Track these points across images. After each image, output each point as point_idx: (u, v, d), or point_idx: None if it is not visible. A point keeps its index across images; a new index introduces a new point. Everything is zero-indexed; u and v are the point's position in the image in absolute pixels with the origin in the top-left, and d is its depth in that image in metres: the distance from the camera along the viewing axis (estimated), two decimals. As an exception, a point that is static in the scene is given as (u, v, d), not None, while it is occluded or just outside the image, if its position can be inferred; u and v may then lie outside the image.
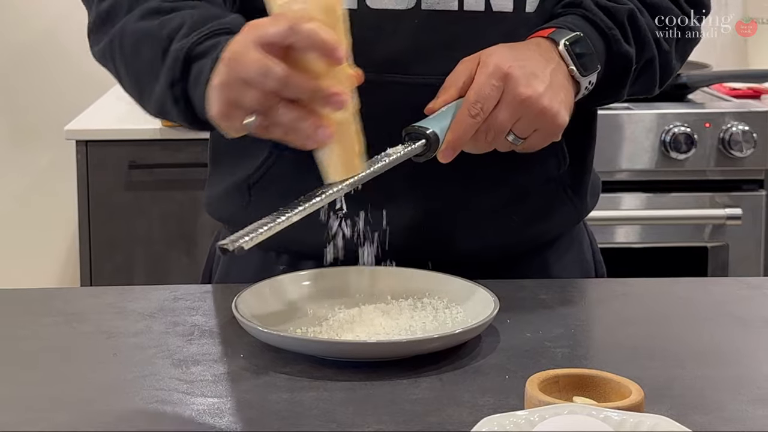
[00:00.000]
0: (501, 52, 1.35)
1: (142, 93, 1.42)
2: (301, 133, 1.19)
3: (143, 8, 1.41)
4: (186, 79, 1.33)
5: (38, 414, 1.13)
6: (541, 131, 1.36)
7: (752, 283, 1.66)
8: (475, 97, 1.31)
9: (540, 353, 1.27)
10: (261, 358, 1.25)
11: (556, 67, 1.38)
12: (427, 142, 1.31)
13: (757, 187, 3.10)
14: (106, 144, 3.07)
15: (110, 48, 1.44)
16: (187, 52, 1.33)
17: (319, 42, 1.15)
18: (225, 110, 1.23)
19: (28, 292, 1.60)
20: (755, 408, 1.13)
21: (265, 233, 1.18)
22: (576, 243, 1.63)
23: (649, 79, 1.52)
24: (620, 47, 1.45)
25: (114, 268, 3.10)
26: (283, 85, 1.17)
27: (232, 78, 1.21)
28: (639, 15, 1.48)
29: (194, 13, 1.38)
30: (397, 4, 1.43)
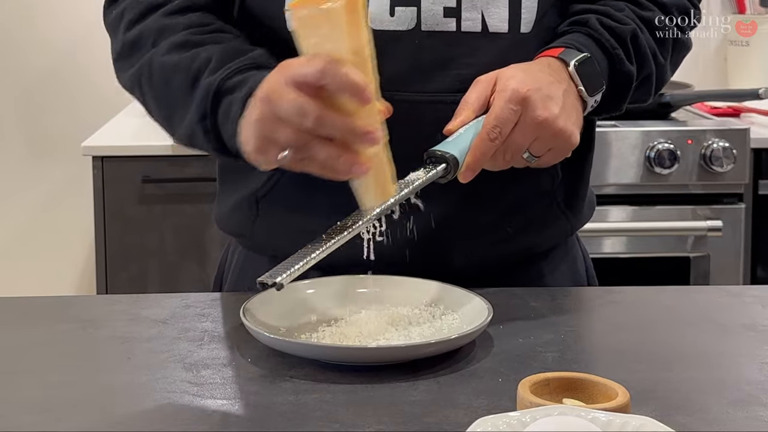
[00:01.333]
0: (518, 77, 1.34)
1: (171, 123, 1.43)
2: (336, 168, 1.21)
3: (171, 41, 1.41)
4: (216, 113, 1.34)
5: (56, 415, 1.13)
6: (555, 150, 1.37)
7: (732, 291, 1.66)
8: (495, 122, 1.31)
9: (531, 358, 1.27)
10: (267, 362, 1.25)
11: (568, 87, 1.38)
12: (448, 165, 1.31)
13: (736, 200, 3.10)
14: (120, 159, 3.07)
15: (138, 78, 1.44)
16: (218, 87, 1.34)
17: (350, 84, 1.16)
18: (260, 145, 1.24)
19: (46, 300, 1.60)
20: (736, 409, 1.13)
21: (302, 267, 1.19)
22: (569, 257, 1.63)
23: (646, 91, 1.53)
24: (623, 66, 1.46)
25: (128, 277, 3.10)
26: (318, 124, 1.18)
27: (267, 115, 1.22)
28: (640, 34, 1.48)
29: (222, 48, 1.39)
30: (398, 26, 1.43)
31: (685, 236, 3.09)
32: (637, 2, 1.52)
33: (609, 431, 0.95)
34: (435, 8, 1.43)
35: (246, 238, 1.56)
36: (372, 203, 1.25)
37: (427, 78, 1.43)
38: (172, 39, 1.41)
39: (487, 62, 1.41)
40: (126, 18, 1.47)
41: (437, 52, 1.43)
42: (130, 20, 1.46)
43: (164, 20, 1.44)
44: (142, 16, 1.46)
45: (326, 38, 1.19)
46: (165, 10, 1.45)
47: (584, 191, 1.60)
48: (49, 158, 3.75)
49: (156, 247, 3.10)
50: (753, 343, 1.35)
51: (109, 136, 3.20)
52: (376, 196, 1.24)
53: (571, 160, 1.53)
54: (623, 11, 1.49)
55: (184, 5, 1.45)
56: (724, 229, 3.06)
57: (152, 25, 1.44)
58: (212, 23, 1.45)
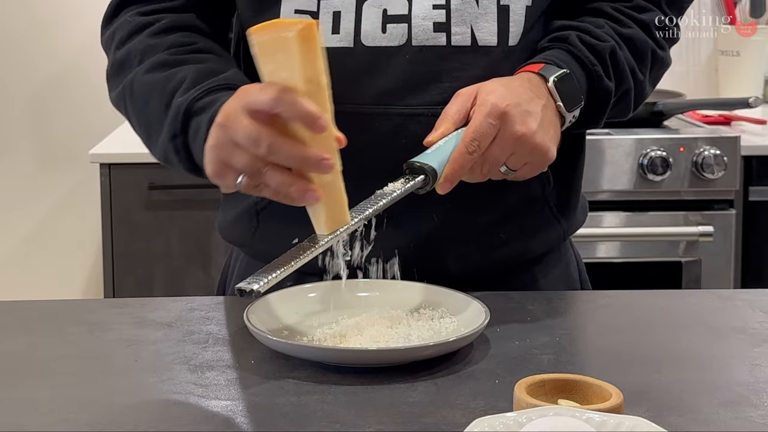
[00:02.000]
0: (498, 91, 1.34)
1: (150, 141, 1.44)
2: (289, 195, 1.21)
3: (152, 61, 1.42)
4: (186, 132, 1.35)
5: (65, 415, 1.13)
6: (532, 164, 1.36)
7: (723, 295, 1.66)
8: (474, 135, 1.31)
9: (527, 360, 1.27)
10: (270, 364, 1.25)
11: (546, 103, 1.38)
12: (426, 176, 1.31)
13: (727, 206, 3.10)
14: (127, 167, 3.08)
15: (122, 96, 1.45)
16: (188, 107, 1.34)
17: (303, 113, 1.16)
18: (218, 170, 1.26)
19: (55, 303, 1.60)
20: (726, 410, 1.13)
21: (278, 277, 1.19)
22: (563, 262, 1.63)
23: (625, 106, 1.53)
24: (602, 83, 1.45)
25: (135, 282, 3.10)
26: (270, 151, 1.18)
27: (223, 141, 1.23)
28: (619, 50, 1.47)
29: (197, 68, 1.39)
30: (390, 42, 1.43)
31: (677, 241, 3.09)
32: (616, 19, 1.51)
33: (603, 431, 0.95)
34: (425, 24, 1.43)
35: (247, 247, 1.56)
36: (325, 230, 1.23)
37: (419, 91, 1.43)
38: (153, 58, 1.42)
39: (478, 75, 1.41)
40: (116, 37, 1.48)
41: (428, 66, 1.43)
42: (120, 39, 1.47)
43: (149, 40, 1.45)
44: (130, 36, 1.46)
45: (281, 65, 1.19)
46: (151, 30, 1.46)
47: (576, 197, 1.60)
48: (57, 166, 3.75)
49: (162, 252, 3.10)
50: (743, 345, 1.35)
51: (116, 143, 3.21)
52: (328, 223, 1.23)
53: (562, 167, 1.53)
54: (603, 28, 1.49)
55: (169, 25, 1.46)
56: (715, 235, 3.06)
57: (138, 45, 1.45)
58: (195, 43, 1.45)
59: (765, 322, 1.42)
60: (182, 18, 1.48)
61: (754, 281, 3.16)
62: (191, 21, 1.48)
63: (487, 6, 1.44)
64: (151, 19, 1.47)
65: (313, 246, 1.22)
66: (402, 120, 1.40)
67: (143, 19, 1.47)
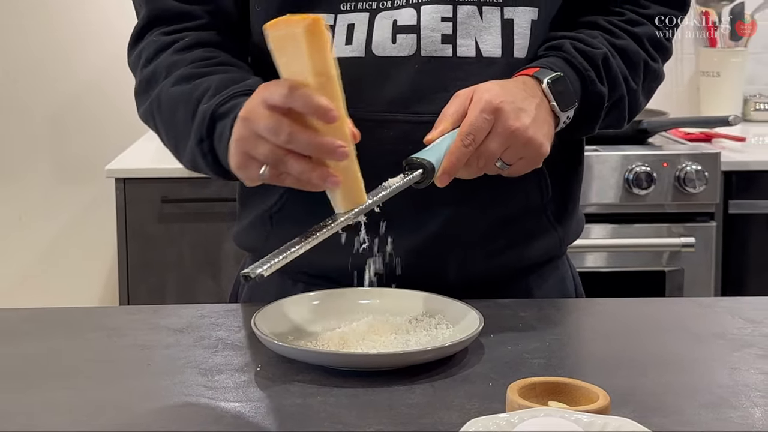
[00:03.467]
0: (492, 89, 1.34)
1: (178, 149, 1.45)
2: (310, 182, 1.22)
3: (177, 74, 1.43)
4: (212, 136, 1.35)
5: (81, 417, 1.13)
6: (526, 159, 1.36)
7: (704, 302, 1.66)
8: (468, 129, 1.31)
9: (519, 364, 1.27)
10: (276, 368, 1.25)
11: (540, 102, 1.38)
12: (425, 170, 1.31)
13: (708, 219, 3.10)
14: (141, 181, 3.07)
15: (150, 110, 1.46)
16: (212, 113, 1.35)
17: (313, 106, 1.18)
18: (242, 162, 1.26)
19: (73, 310, 1.60)
20: (707, 411, 1.13)
21: (281, 261, 1.19)
22: (559, 275, 1.62)
23: (619, 114, 1.52)
24: (595, 87, 1.46)
25: (148, 290, 3.10)
26: (290, 140, 1.19)
27: (246, 133, 1.24)
28: (611, 58, 1.48)
29: (220, 78, 1.40)
30: (400, 52, 1.43)
31: (660, 252, 3.09)
32: (610, 31, 1.52)
33: (591, 431, 0.95)
34: (434, 35, 1.43)
35: (260, 251, 1.56)
36: (344, 209, 1.25)
37: (426, 100, 1.43)
38: (178, 72, 1.43)
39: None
40: (143, 57, 1.48)
41: (435, 76, 1.44)
42: (146, 58, 1.48)
43: (174, 57, 1.45)
44: (156, 54, 1.47)
45: (293, 59, 1.20)
46: (175, 47, 1.46)
47: (573, 208, 1.60)
48: (75, 180, 3.75)
49: (174, 262, 3.10)
50: (723, 350, 1.34)
51: (130, 159, 3.21)
52: (349, 202, 1.25)
53: (561, 177, 1.54)
54: (596, 38, 1.49)
55: (192, 42, 1.47)
56: (697, 246, 3.06)
57: (164, 62, 1.45)
58: (217, 57, 1.46)
59: (744, 328, 1.42)
60: (204, 35, 1.48)
61: (733, 289, 3.16)
62: (213, 38, 1.49)
63: (491, 20, 1.44)
64: (175, 38, 1.47)
65: (330, 225, 1.23)
66: (410, 127, 1.41)
67: (167, 38, 1.48)
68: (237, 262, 1.71)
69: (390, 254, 1.45)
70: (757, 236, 3.18)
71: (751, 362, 1.29)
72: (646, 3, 1.55)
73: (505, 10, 1.45)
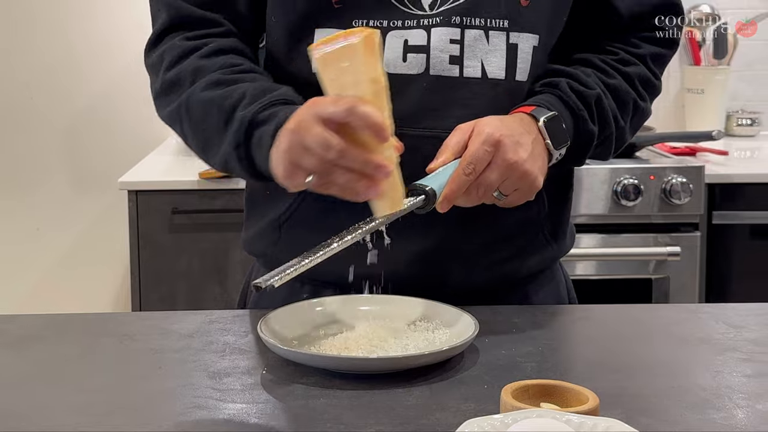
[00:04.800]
0: (493, 123, 1.35)
1: (207, 152, 1.44)
2: (356, 191, 1.23)
3: (208, 79, 1.42)
4: (249, 142, 1.35)
5: (96, 418, 1.13)
6: (521, 191, 1.37)
7: (689, 308, 1.66)
8: (470, 159, 1.32)
9: (513, 367, 1.27)
10: (281, 371, 1.25)
11: (536, 138, 1.39)
12: (427, 196, 1.31)
13: (692, 229, 3.10)
14: (152, 193, 3.07)
15: (178, 113, 1.44)
16: (251, 120, 1.35)
17: (371, 123, 1.19)
18: (289, 171, 1.26)
19: (88, 316, 1.60)
20: (692, 412, 1.13)
21: (291, 274, 1.19)
22: (554, 282, 1.62)
23: (607, 149, 1.54)
24: (586, 126, 1.47)
25: (159, 297, 3.10)
26: (340, 157, 1.20)
27: (295, 145, 1.23)
28: (604, 98, 1.48)
29: (253, 86, 1.39)
30: (410, 70, 1.43)
31: (647, 260, 3.09)
32: (603, 70, 1.53)
33: (581, 431, 0.95)
34: (442, 56, 1.43)
35: (269, 257, 1.56)
36: (384, 213, 1.27)
37: (434, 116, 1.43)
38: (207, 78, 1.42)
39: (486, 104, 1.43)
40: (166, 60, 1.47)
41: (443, 94, 1.44)
42: (170, 62, 1.47)
43: (199, 62, 1.45)
44: (180, 59, 1.46)
45: (346, 71, 1.21)
46: (200, 53, 1.45)
47: (566, 224, 1.61)
48: (90, 192, 3.75)
49: (184, 270, 3.10)
50: (707, 354, 1.35)
51: (142, 172, 3.21)
52: (386, 209, 1.27)
53: (555, 198, 1.55)
54: (590, 77, 1.50)
55: (216, 48, 1.46)
56: (682, 254, 3.06)
57: (189, 67, 1.45)
58: (242, 64, 1.45)
59: (727, 333, 1.42)
60: (226, 42, 1.48)
61: (717, 296, 3.16)
62: (235, 44, 1.48)
63: (497, 44, 1.45)
64: (198, 43, 1.47)
65: (344, 237, 1.23)
66: (418, 141, 1.41)
67: (191, 43, 1.47)
68: (244, 270, 1.71)
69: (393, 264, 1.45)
70: (740, 245, 3.18)
71: (734, 366, 1.29)
72: (639, 43, 1.56)
73: (510, 35, 1.45)
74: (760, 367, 1.28)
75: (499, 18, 1.44)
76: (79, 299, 3.76)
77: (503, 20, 1.44)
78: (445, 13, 1.43)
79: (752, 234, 3.17)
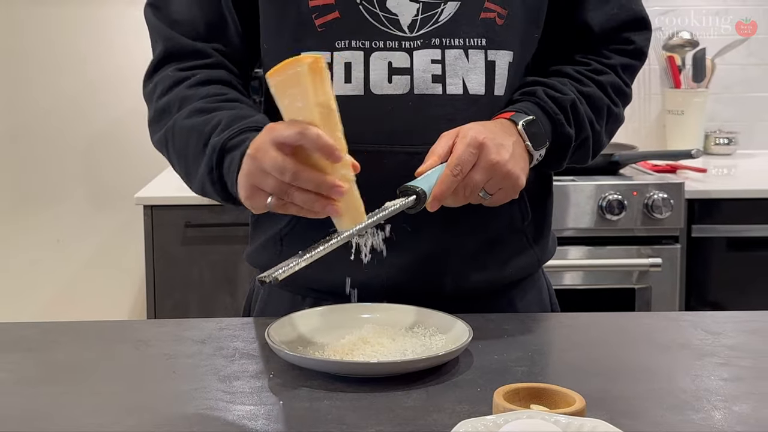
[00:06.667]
0: (476, 128, 1.36)
1: (189, 176, 1.46)
2: (313, 209, 1.24)
3: (191, 108, 1.43)
4: (221, 167, 1.36)
5: (113, 418, 1.13)
6: (505, 190, 1.37)
7: (670, 316, 1.66)
8: (457, 161, 1.33)
9: (504, 371, 1.27)
10: (287, 375, 1.25)
11: (517, 140, 1.40)
12: (417, 197, 1.32)
13: (673, 241, 3.10)
14: (167, 208, 3.08)
15: (164, 139, 1.46)
16: (222, 146, 1.36)
17: (321, 145, 1.19)
18: (250, 193, 1.28)
19: (106, 323, 1.60)
20: (673, 414, 1.13)
21: (294, 267, 1.20)
22: (537, 288, 1.63)
23: (585, 152, 1.54)
24: (563, 129, 1.47)
25: (173, 305, 3.10)
26: (294, 178, 1.21)
27: (254, 169, 1.25)
28: (579, 104, 1.49)
29: (229, 114, 1.40)
30: (395, 90, 1.44)
31: (630, 271, 3.09)
32: (578, 79, 1.53)
33: (568, 431, 0.95)
34: (425, 75, 1.44)
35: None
36: (345, 228, 1.25)
37: (420, 133, 1.43)
38: (191, 106, 1.43)
39: (468, 119, 1.42)
40: (158, 90, 1.49)
41: (427, 112, 1.44)
42: (161, 91, 1.48)
43: (187, 91, 1.46)
44: (170, 88, 1.47)
45: (296, 98, 1.20)
46: (188, 83, 1.47)
47: (548, 230, 1.61)
48: (107, 207, 3.75)
49: (196, 281, 3.10)
50: (687, 359, 1.35)
51: (157, 188, 3.21)
52: (347, 225, 1.25)
53: (537, 205, 1.55)
54: (566, 85, 1.51)
55: (203, 79, 1.47)
56: (663, 266, 3.06)
57: (177, 95, 1.46)
58: (226, 93, 1.46)
59: (705, 339, 1.42)
60: (214, 73, 1.49)
61: (696, 305, 3.15)
62: (222, 75, 1.49)
63: (476, 62, 1.45)
64: (188, 74, 1.48)
65: (336, 238, 1.24)
66: (406, 157, 1.41)
67: (181, 74, 1.48)
68: (252, 281, 1.71)
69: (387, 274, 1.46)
70: (717, 257, 3.18)
71: (712, 370, 1.29)
72: (609, 54, 1.57)
73: (488, 52, 1.46)
74: (737, 371, 1.28)
75: (477, 37, 1.45)
76: (97, 307, 3.76)
77: (481, 39, 1.45)
78: (426, 36, 1.44)
79: (729, 246, 3.17)
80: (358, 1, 1.43)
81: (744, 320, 1.53)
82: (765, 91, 3.87)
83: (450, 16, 1.44)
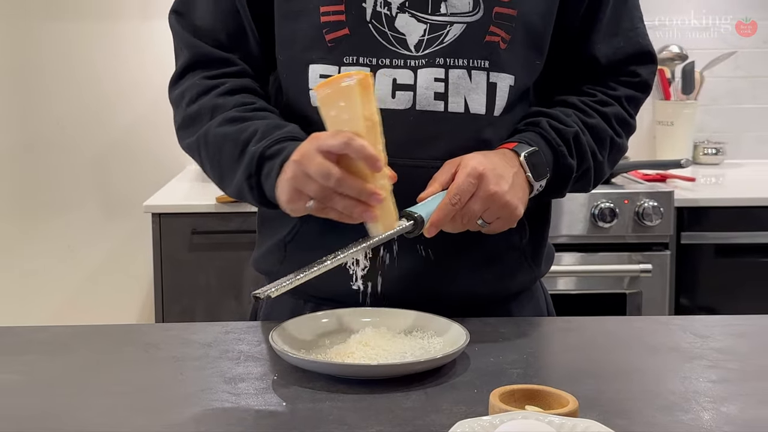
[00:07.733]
0: (478, 158, 1.36)
1: (223, 181, 1.47)
2: (352, 215, 1.27)
3: (224, 116, 1.44)
4: (260, 174, 1.38)
5: (122, 419, 1.13)
6: (502, 219, 1.38)
7: (660, 320, 1.67)
8: (456, 190, 1.33)
9: (500, 373, 1.27)
10: (291, 376, 1.25)
11: (518, 171, 1.40)
12: (415, 222, 1.32)
13: (663, 248, 3.10)
14: (174, 216, 3.08)
15: (197, 144, 1.47)
16: (261, 154, 1.37)
17: (365, 155, 1.23)
18: (292, 196, 1.30)
19: (115, 327, 1.60)
20: (663, 414, 1.13)
21: (287, 286, 1.22)
22: (534, 299, 1.62)
23: (586, 182, 1.54)
24: (565, 160, 1.47)
25: (180, 310, 3.09)
26: (338, 185, 1.24)
27: (299, 173, 1.27)
28: (582, 135, 1.49)
29: (264, 123, 1.42)
30: (398, 105, 1.44)
31: (622, 277, 3.09)
32: (582, 110, 1.53)
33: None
34: (428, 93, 1.44)
35: (275, 274, 1.56)
36: (378, 233, 1.29)
37: (422, 147, 1.44)
38: (224, 115, 1.44)
39: (468, 136, 1.43)
40: (187, 96, 1.49)
41: (429, 128, 1.44)
42: (190, 98, 1.49)
43: (217, 99, 1.47)
44: (199, 96, 1.48)
45: (344, 110, 1.25)
46: (217, 91, 1.47)
47: (544, 248, 1.61)
48: (117, 215, 3.75)
49: (202, 286, 3.10)
50: (676, 361, 1.35)
51: (165, 197, 3.21)
52: (381, 229, 1.29)
53: (535, 226, 1.55)
54: (570, 116, 1.50)
55: (231, 88, 1.48)
56: (654, 271, 3.06)
57: (207, 104, 1.47)
58: (255, 102, 1.47)
59: (694, 342, 1.42)
60: (241, 82, 1.50)
61: (685, 309, 3.16)
62: (248, 84, 1.50)
63: (479, 82, 1.45)
64: (216, 83, 1.48)
65: (319, 265, 1.25)
66: (408, 170, 1.41)
67: (210, 82, 1.49)
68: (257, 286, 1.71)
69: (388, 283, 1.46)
70: (706, 263, 3.18)
71: (701, 372, 1.29)
72: (615, 86, 1.57)
73: (490, 74, 1.46)
74: (724, 373, 1.28)
75: (480, 59, 1.45)
76: (106, 311, 3.76)
77: (484, 61, 1.45)
78: (431, 55, 1.44)
79: (717, 253, 3.18)
80: (368, 20, 1.44)
81: (731, 324, 1.53)
82: (752, 103, 3.87)
83: (455, 37, 1.44)
